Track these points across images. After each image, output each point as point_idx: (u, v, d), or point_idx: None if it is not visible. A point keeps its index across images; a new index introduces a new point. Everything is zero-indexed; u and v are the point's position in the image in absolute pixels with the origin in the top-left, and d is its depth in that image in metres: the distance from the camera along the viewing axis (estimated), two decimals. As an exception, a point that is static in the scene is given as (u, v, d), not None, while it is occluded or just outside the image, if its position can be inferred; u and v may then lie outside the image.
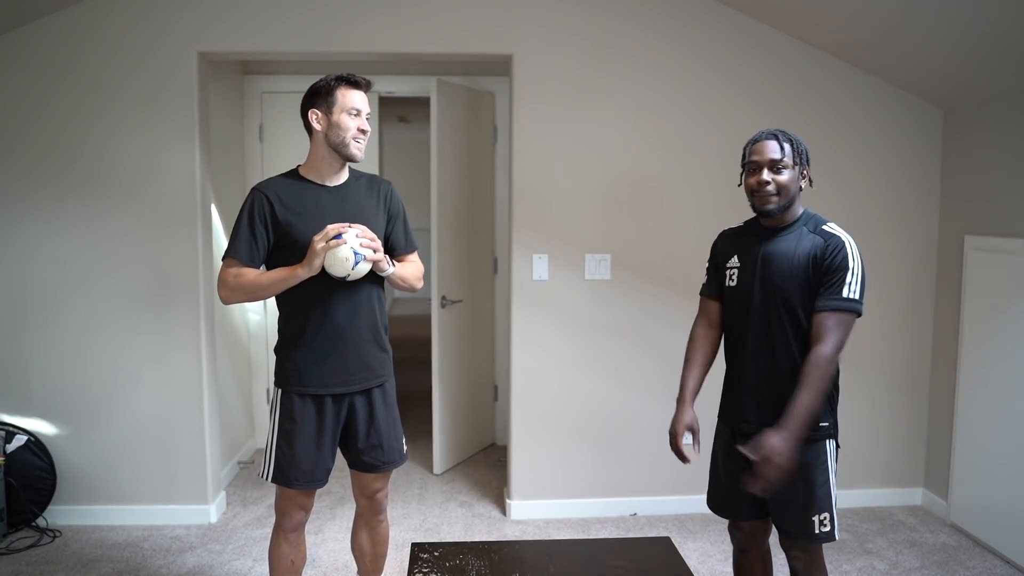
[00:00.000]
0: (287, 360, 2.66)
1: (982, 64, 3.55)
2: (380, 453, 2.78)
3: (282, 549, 2.77)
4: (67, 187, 3.89)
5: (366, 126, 2.65)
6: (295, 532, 2.78)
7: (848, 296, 2.30)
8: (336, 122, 2.61)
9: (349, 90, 2.62)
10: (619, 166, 4.08)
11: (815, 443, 2.40)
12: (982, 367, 3.85)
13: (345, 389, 2.67)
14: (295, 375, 2.64)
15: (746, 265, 2.50)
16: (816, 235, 2.39)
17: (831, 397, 2.43)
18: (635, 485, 4.24)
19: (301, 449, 2.64)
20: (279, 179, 2.66)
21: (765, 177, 2.39)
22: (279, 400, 2.67)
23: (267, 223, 2.56)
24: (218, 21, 3.87)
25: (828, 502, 2.41)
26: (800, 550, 2.46)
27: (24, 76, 3.83)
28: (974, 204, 3.97)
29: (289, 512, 2.73)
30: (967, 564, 3.66)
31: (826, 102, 4.13)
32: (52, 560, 3.65)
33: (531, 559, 2.81)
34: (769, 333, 2.42)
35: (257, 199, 2.58)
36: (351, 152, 2.63)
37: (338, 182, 2.70)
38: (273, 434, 2.67)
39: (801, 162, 2.43)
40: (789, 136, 2.43)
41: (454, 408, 4.93)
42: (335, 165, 2.68)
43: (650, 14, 4.02)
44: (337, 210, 2.62)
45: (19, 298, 3.95)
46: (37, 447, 3.95)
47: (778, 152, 2.39)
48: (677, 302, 4.11)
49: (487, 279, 5.29)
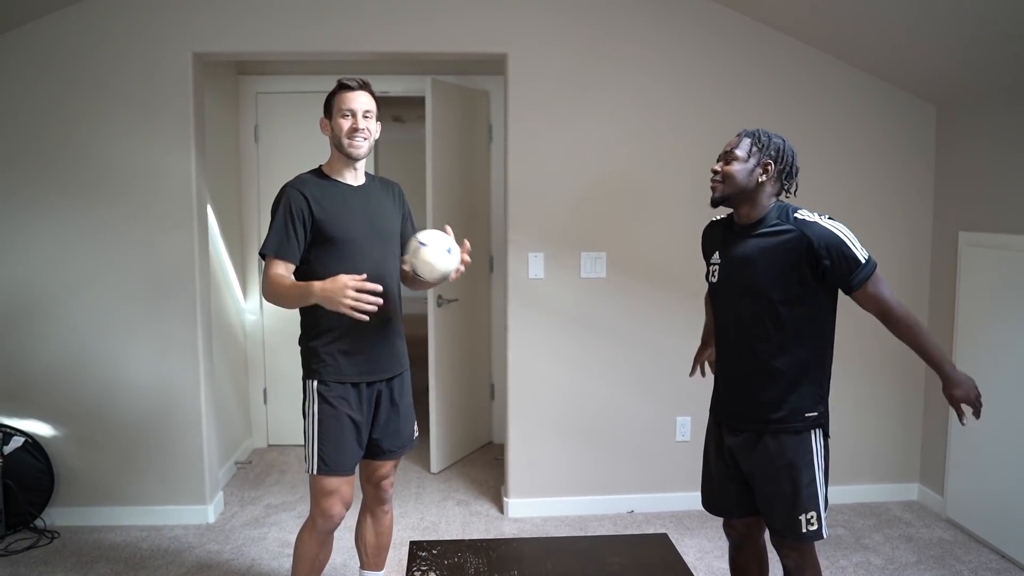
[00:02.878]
0: (322, 352, 2.73)
1: (974, 60, 3.56)
2: (396, 439, 2.90)
3: (311, 547, 2.81)
4: (61, 187, 3.89)
5: (359, 124, 2.72)
6: (330, 534, 2.82)
7: (861, 260, 2.34)
8: (334, 125, 2.75)
9: (342, 93, 2.74)
10: (614, 164, 4.09)
11: (801, 434, 2.42)
12: (976, 363, 3.86)
13: (377, 377, 2.81)
14: (333, 365, 2.73)
15: (725, 262, 2.54)
16: (793, 228, 2.38)
17: (820, 385, 2.46)
18: (632, 482, 4.25)
19: (346, 437, 2.73)
20: (309, 177, 2.78)
21: (716, 165, 2.49)
22: (316, 391, 2.73)
23: (304, 221, 2.67)
24: (212, 22, 3.87)
25: (815, 501, 2.41)
26: (790, 548, 2.47)
27: (16, 77, 3.82)
28: (968, 200, 3.99)
29: (331, 508, 2.76)
30: (963, 559, 3.68)
31: (818, 100, 4.14)
32: (50, 561, 3.65)
33: (529, 556, 2.82)
34: (748, 329, 2.46)
35: (294, 197, 2.68)
36: (347, 150, 2.73)
37: (360, 182, 2.83)
38: (313, 426, 2.73)
39: (762, 159, 2.44)
40: (761, 137, 2.47)
41: (451, 407, 4.93)
42: (348, 165, 2.79)
43: (643, 14, 4.02)
44: (363, 208, 2.78)
45: (16, 299, 3.94)
46: (35, 448, 3.94)
47: (738, 145, 2.46)
48: (672, 299, 4.12)
49: (483, 278, 5.29)
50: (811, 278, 2.37)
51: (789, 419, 2.42)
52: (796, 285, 2.38)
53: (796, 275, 2.37)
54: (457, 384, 5.00)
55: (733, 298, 2.50)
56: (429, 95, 4.60)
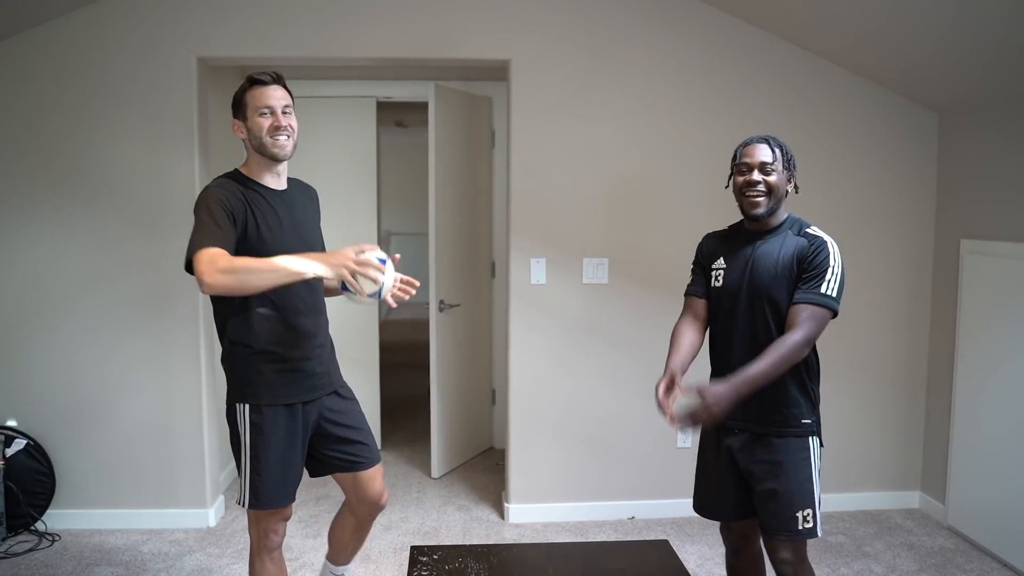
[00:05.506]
0: (253, 372, 2.49)
1: (976, 68, 3.57)
2: (363, 449, 2.70)
3: (271, 571, 2.63)
4: (66, 191, 3.90)
5: (281, 121, 2.48)
6: (279, 549, 2.65)
7: (826, 292, 2.36)
8: (251, 126, 2.50)
9: (256, 89, 2.50)
10: (616, 170, 4.10)
11: (797, 439, 2.46)
12: (979, 370, 3.86)
13: (314, 395, 2.58)
14: (265, 387, 2.49)
15: (732, 266, 2.55)
16: (800, 237, 2.45)
17: (811, 394, 2.49)
18: (633, 488, 4.25)
19: (283, 466, 2.52)
20: (230, 181, 2.51)
21: (756, 177, 2.45)
22: (248, 417, 2.49)
23: (234, 215, 2.40)
24: (217, 26, 3.88)
25: (811, 498, 2.44)
26: (784, 550, 2.46)
27: (23, 81, 3.84)
28: (970, 208, 3.99)
29: (275, 528, 2.59)
30: (964, 567, 3.67)
31: (821, 107, 4.15)
32: (51, 564, 3.65)
33: (530, 562, 2.82)
34: (754, 332, 2.48)
35: (221, 196, 2.40)
36: (272, 152, 2.48)
37: (282, 186, 2.59)
38: (246, 457, 2.50)
39: (789, 167, 2.50)
40: (779, 142, 2.51)
41: (452, 412, 4.94)
42: (271, 168, 2.55)
43: (646, 21, 4.03)
44: (288, 213, 2.55)
45: (18, 302, 3.95)
46: (36, 451, 3.95)
47: (769, 155, 2.46)
48: (674, 306, 4.07)
49: (485, 283, 5.30)
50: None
51: (790, 422, 2.46)
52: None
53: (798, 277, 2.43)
54: (458, 389, 5.00)
55: (741, 302, 2.51)
56: (432, 101, 4.61)
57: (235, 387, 2.53)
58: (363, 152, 5.23)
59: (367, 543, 3.90)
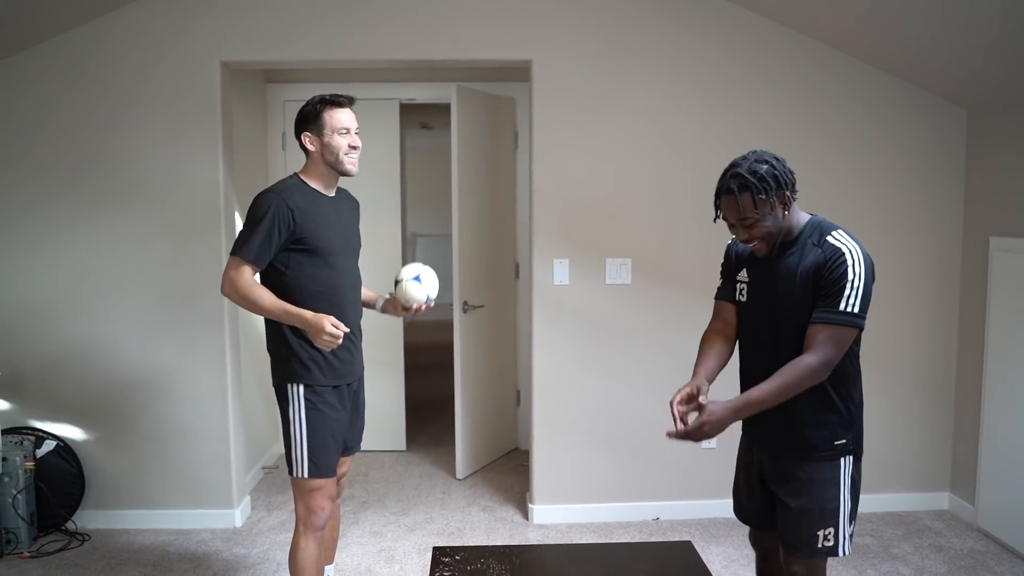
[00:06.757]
0: (307, 356, 2.78)
1: (1004, 64, 3.51)
2: (358, 436, 3.09)
3: (313, 552, 2.84)
4: (93, 195, 3.95)
5: (356, 142, 2.81)
6: (323, 530, 2.89)
7: (845, 310, 2.21)
8: (328, 143, 2.77)
9: (335, 110, 2.77)
10: (639, 170, 4.08)
11: (830, 461, 2.35)
12: (1008, 370, 3.80)
13: (353, 378, 2.94)
14: (320, 369, 2.80)
15: (755, 282, 2.44)
16: (819, 248, 2.28)
17: (845, 410, 2.36)
18: (658, 489, 4.23)
19: (333, 438, 2.83)
20: (292, 187, 2.80)
21: (743, 235, 2.32)
22: (302, 395, 2.79)
23: (283, 231, 2.69)
24: (240, 31, 3.92)
25: (835, 518, 2.34)
26: (797, 564, 2.40)
27: (49, 87, 3.90)
28: (999, 205, 3.93)
29: (322, 506, 2.84)
30: (994, 569, 3.61)
31: (847, 104, 4.10)
32: (81, 563, 3.70)
33: (551, 563, 2.82)
34: (778, 350, 2.35)
35: (280, 207, 2.69)
36: (346, 168, 2.80)
37: (333, 194, 2.90)
38: (300, 430, 2.79)
39: (772, 190, 2.25)
40: (755, 176, 2.24)
41: (476, 413, 4.94)
42: (333, 179, 2.87)
43: (667, 19, 4.02)
44: (338, 219, 2.88)
45: (47, 305, 4.01)
46: (66, 452, 4.01)
47: (737, 210, 2.27)
48: (698, 306, 4.07)
49: (509, 284, 5.30)
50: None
51: (815, 445, 2.35)
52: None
53: (816, 293, 2.28)
54: (483, 390, 5.01)
55: (763, 319, 2.41)
56: (455, 102, 4.63)
57: (291, 369, 2.81)
58: (387, 154, 5.25)
59: (391, 543, 3.92)
